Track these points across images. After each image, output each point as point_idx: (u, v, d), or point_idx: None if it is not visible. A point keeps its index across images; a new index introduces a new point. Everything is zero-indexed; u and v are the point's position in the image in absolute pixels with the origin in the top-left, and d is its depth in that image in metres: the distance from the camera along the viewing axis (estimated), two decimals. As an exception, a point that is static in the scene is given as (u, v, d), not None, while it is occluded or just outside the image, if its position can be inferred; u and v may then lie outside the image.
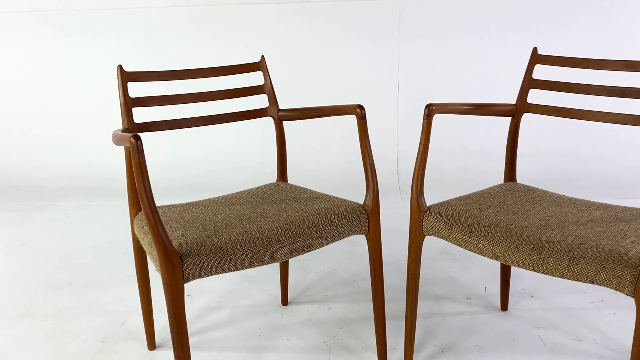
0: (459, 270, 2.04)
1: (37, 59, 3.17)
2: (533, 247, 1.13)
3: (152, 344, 1.57)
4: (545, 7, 2.90)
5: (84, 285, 2.00)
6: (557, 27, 2.91)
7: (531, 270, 1.13)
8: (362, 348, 1.57)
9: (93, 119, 3.17)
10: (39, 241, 2.44)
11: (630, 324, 1.64)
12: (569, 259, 1.08)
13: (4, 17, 3.11)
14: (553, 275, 1.10)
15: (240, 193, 1.53)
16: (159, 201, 1.58)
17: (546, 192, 1.47)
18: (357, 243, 2.27)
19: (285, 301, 1.82)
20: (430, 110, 1.31)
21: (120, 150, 2.76)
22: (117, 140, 1.18)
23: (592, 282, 1.06)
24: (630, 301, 1.75)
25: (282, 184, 1.59)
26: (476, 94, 2.92)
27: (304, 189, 1.53)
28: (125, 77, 1.41)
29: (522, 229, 1.20)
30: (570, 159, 2.96)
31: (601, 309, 1.76)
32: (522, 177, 1.77)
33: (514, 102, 1.53)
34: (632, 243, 1.10)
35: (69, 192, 3.03)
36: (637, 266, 1.02)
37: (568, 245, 1.11)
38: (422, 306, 1.79)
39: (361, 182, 2.88)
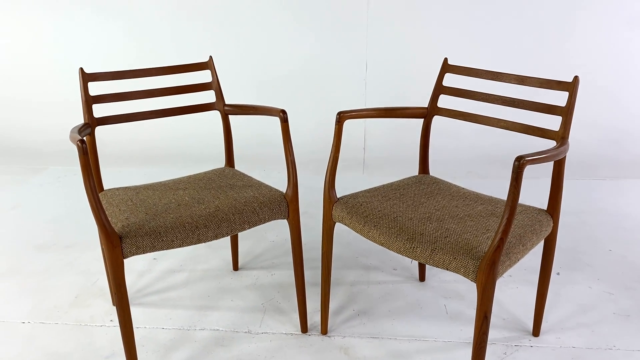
0: (394, 243, 2.30)
1: (30, 29, 3.38)
2: (407, 238, 1.38)
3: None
4: None
5: (66, 246, 2.30)
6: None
7: (405, 256, 1.39)
8: (292, 310, 1.85)
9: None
10: (31, 204, 2.73)
11: (526, 298, 1.91)
12: (432, 250, 1.33)
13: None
14: (421, 262, 1.36)
15: (188, 177, 1.79)
16: (134, 167, 1.79)
17: (448, 185, 1.70)
18: (312, 215, 2.54)
19: (236, 267, 2.11)
20: (341, 117, 1.54)
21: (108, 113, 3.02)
22: (70, 139, 1.42)
23: (447, 269, 1.31)
24: (531, 277, 2.02)
25: (227, 170, 1.84)
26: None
27: (244, 176, 1.77)
28: (86, 77, 1.64)
29: (405, 221, 1.44)
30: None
31: (508, 283, 2.02)
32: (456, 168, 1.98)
33: (426, 106, 1.75)
34: (487, 238, 1.35)
35: (61, 156, 3.30)
36: (479, 258, 1.27)
37: (435, 237, 1.36)
38: (352, 275, 2.07)
39: (311, 166, 3.14)
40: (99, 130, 1.73)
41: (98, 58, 3.35)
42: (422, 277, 2.01)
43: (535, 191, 2.44)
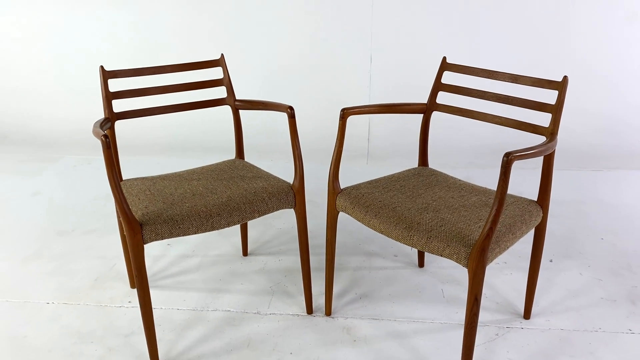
0: (396, 231, 2.41)
1: (45, 21, 3.48)
2: (405, 227, 1.49)
3: (133, 284, 2.00)
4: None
5: (84, 232, 2.43)
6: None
7: (404, 243, 1.50)
8: (298, 293, 1.97)
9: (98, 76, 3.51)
10: (50, 191, 2.86)
11: (519, 284, 2.02)
12: (427, 237, 1.44)
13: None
14: (418, 249, 1.47)
15: (202, 168, 1.90)
16: (150, 155, 1.91)
17: (446, 177, 1.81)
18: (317, 204, 2.65)
19: (245, 252, 2.23)
20: (345, 113, 1.65)
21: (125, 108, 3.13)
22: (94, 134, 1.54)
23: (442, 256, 1.42)
24: (525, 264, 2.13)
25: (238, 161, 1.95)
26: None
27: (253, 167, 1.88)
28: (106, 75, 1.75)
29: (404, 211, 1.55)
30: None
31: (502, 269, 2.13)
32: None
33: (426, 102, 1.85)
34: (479, 227, 1.46)
35: (76, 146, 3.43)
36: (471, 246, 1.38)
37: (431, 226, 1.47)
38: (355, 260, 2.18)
39: (320, 151, 3.24)
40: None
41: (111, 51, 3.45)
42: (421, 263, 2.13)
43: (532, 181, 2.53)
